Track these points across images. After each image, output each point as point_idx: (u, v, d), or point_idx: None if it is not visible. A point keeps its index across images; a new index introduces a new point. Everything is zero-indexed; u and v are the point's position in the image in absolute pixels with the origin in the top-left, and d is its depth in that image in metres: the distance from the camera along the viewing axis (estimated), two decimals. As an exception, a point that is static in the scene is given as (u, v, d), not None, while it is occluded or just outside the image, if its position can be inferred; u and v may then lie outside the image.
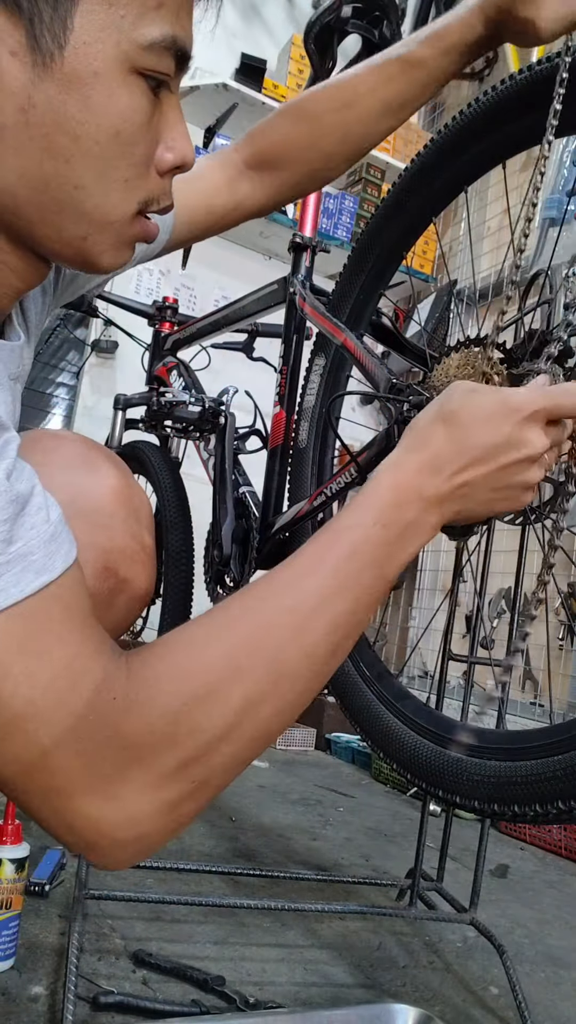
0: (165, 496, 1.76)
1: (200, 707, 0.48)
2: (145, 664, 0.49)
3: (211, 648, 0.50)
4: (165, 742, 0.47)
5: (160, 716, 0.47)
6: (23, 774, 0.46)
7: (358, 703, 1.06)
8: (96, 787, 0.46)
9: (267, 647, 0.50)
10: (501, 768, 0.79)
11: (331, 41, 1.25)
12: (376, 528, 0.54)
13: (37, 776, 0.46)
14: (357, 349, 1.07)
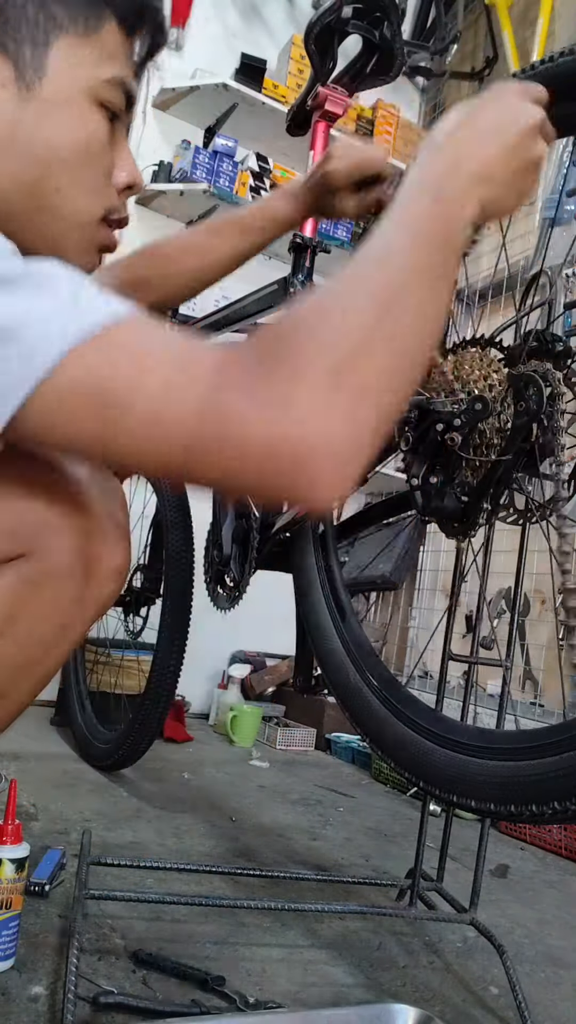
0: (165, 496, 1.76)
1: (333, 321, 0.52)
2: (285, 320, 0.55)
3: (346, 289, 0.55)
4: (312, 351, 0.51)
5: (300, 335, 0.52)
6: (204, 424, 0.51)
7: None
8: (266, 401, 0.50)
9: (390, 281, 0.55)
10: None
11: (331, 42, 1.25)
12: (437, 205, 0.60)
13: (211, 419, 0.51)
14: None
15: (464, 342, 0.94)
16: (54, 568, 0.75)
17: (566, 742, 0.75)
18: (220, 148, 3.02)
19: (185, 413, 0.51)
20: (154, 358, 0.52)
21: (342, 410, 0.50)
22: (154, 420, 0.52)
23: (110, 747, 1.88)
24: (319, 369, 0.50)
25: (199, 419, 0.51)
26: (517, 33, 3.03)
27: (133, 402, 0.52)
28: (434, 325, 0.57)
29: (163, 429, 0.52)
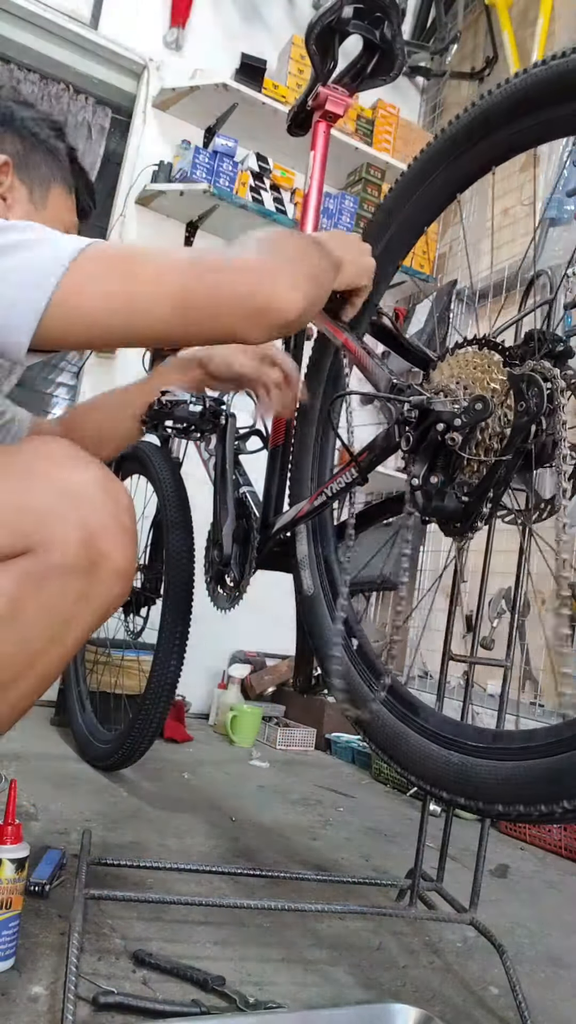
0: (165, 496, 1.76)
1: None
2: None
3: None
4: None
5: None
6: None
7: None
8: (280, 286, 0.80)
9: None
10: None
11: (332, 42, 1.25)
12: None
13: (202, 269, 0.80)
14: (357, 349, 1.07)
15: (463, 342, 0.94)
16: (58, 564, 0.77)
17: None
18: (220, 148, 3.02)
19: (181, 267, 0.79)
20: (142, 247, 0.82)
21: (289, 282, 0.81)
22: (158, 277, 0.78)
23: (110, 747, 1.88)
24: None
25: (192, 269, 0.79)
26: (517, 33, 3.03)
27: (139, 267, 0.78)
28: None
29: (167, 284, 0.77)
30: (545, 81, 0.87)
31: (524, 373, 0.82)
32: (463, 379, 0.89)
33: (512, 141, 0.97)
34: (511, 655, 1.20)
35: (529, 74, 0.89)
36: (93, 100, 3.15)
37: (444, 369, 0.95)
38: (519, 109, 0.92)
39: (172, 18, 3.15)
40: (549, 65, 0.85)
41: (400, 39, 1.25)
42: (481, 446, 0.86)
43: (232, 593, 1.46)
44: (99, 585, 0.82)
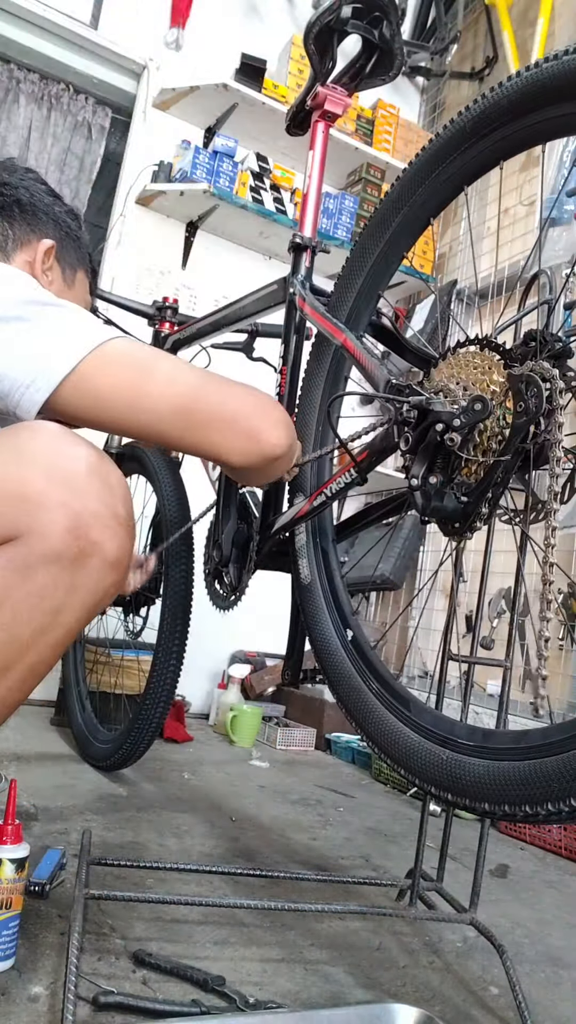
0: (165, 496, 1.76)
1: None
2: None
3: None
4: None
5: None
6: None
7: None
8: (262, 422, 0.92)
9: None
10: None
11: (331, 41, 1.25)
12: None
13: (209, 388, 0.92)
14: (356, 349, 1.07)
15: (463, 342, 0.94)
16: (44, 552, 0.76)
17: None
18: (220, 148, 3.02)
19: (192, 378, 0.89)
20: (163, 352, 0.93)
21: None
22: (170, 380, 0.88)
23: (110, 747, 1.88)
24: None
25: (202, 380, 0.90)
26: (517, 33, 3.03)
27: (156, 367, 0.88)
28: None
29: (177, 387, 0.87)
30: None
31: (523, 374, 0.82)
32: (463, 379, 0.89)
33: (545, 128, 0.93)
34: (511, 655, 1.20)
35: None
36: (93, 100, 3.15)
37: (443, 369, 0.95)
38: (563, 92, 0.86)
39: (172, 18, 3.15)
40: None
41: (399, 38, 1.25)
42: (479, 447, 0.86)
43: (232, 593, 1.46)
44: (89, 575, 0.80)
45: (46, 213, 1.15)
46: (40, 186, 1.17)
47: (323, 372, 1.29)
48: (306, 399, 1.31)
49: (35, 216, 1.13)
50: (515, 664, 2.44)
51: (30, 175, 1.18)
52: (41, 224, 1.13)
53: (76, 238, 1.19)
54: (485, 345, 0.91)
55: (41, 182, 1.18)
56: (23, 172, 1.17)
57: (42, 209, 1.14)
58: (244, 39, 3.28)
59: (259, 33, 3.35)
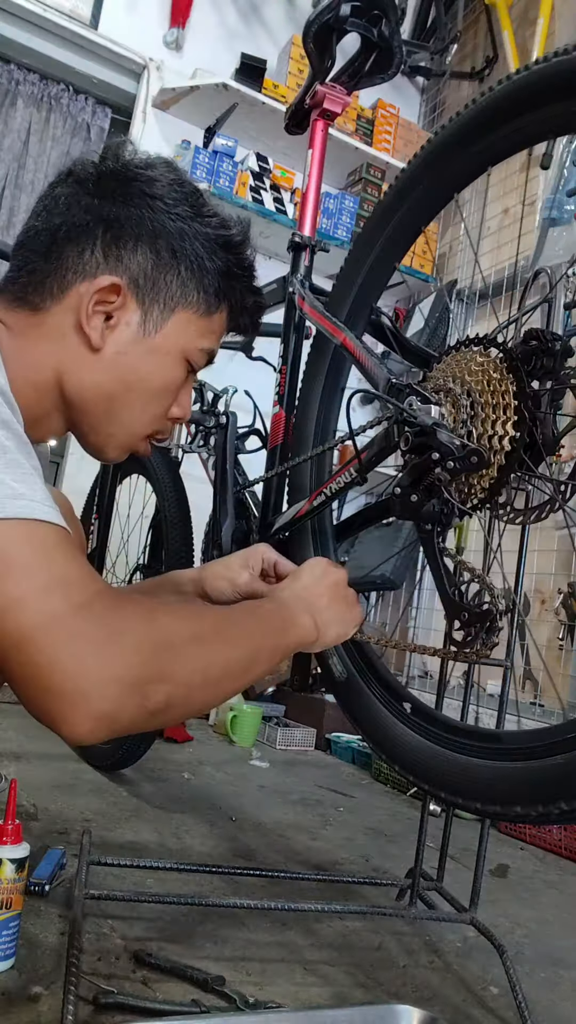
0: (165, 496, 1.76)
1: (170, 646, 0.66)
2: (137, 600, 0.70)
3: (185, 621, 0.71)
4: (138, 635, 0.64)
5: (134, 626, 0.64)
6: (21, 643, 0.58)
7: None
8: (80, 654, 0.59)
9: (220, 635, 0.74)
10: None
11: (330, 40, 1.25)
12: (281, 611, 0.86)
13: (41, 638, 0.59)
14: (356, 349, 1.07)
15: (464, 342, 0.94)
16: None
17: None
18: (220, 148, 3.02)
19: (39, 615, 0.59)
20: (36, 565, 0.61)
21: (135, 684, 0.62)
22: (16, 602, 0.59)
23: (110, 747, 1.87)
24: (136, 650, 0.63)
25: (34, 627, 0.59)
26: (517, 33, 3.03)
27: (16, 575, 0.59)
28: (236, 677, 0.75)
29: (11, 616, 0.59)
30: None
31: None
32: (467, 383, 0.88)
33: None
34: (511, 655, 1.20)
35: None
36: (93, 100, 3.15)
37: (444, 369, 0.95)
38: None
39: (172, 18, 3.15)
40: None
41: (398, 37, 1.25)
42: (465, 487, 0.87)
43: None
44: None
45: (153, 236, 0.82)
46: (173, 189, 0.83)
47: (322, 371, 1.29)
48: (305, 398, 1.31)
49: (125, 231, 0.81)
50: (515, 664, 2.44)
51: (169, 174, 0.84)
52: (130, 241, 0.81)
53: (194, 265, 0.84)
54: (484, 345, 0.90)
55: (179, 186, 0.84)
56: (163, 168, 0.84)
57: (145, 222, 0.81)
58: (244, 39, 3.28)
59: (259, 33, 3.35)
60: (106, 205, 0.80)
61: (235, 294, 0.90)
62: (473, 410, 0.85)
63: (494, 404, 0.83)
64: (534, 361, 0.83)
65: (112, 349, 0.80)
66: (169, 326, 0.83)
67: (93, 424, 0.83)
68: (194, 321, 0.85)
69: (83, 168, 0.82)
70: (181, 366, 0.85)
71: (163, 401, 0.85)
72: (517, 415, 0.82)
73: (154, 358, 0.82)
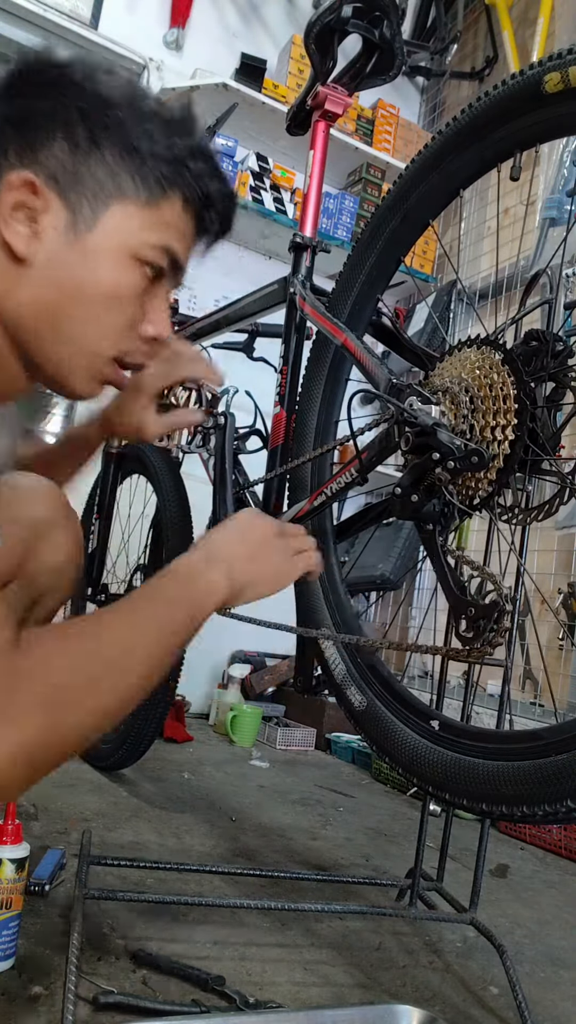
0: (165, 495, 1.76)
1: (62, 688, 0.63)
2: (31, 648, 0.64)
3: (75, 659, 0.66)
4: (29, 695, 0.60)
5: (30, 682, 0.61)
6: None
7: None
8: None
9: (111, 670, 0.67)
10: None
11: (331, 41, 1.25)
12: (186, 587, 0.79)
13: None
14: (357, 349, 1.07)
15: (464, 342, 0.94)
16: None
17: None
18: (220, 148, 3.02)
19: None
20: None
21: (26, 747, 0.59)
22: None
23: (110, 747, 1.87)
24: (25, 707, 0.60)
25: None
26: (517, 33, 3.03)
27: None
28: (157, 669, 0.71)
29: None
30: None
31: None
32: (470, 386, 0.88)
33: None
34: (511, 655, 1.20)
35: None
36: (93, 100, 3.14)
37: (447, 369, 0.95)
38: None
39: (172, 18, 3.15)
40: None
41: (399, 38, 1.25)
42: (465, 487, 0.87)
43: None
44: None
45: (59, 104, 0.71)
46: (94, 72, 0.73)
47: (323, 372, 1.29)
48: (306, 398, 1.31)
49: (34, 124, 0.71)
50: (515, 664, 2.44)
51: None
52: (42, 134, 0.71)
53: (126, 147, 0.72)
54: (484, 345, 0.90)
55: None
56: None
57: (55, 101, 0.71)
58: (244, 39, 3.28)
59: (259, 33, 3.35)
60: (14, 103, 0.71)
61: (186, 180, 0.76)
62: (473, 411, 0.85)
63: (494, 405, 0.84)
64: (534, 362, 0.83)
65: (43, 257, 0.71)
66: (105, 221, 0.72)
67: (45, 351, 0.73)
68: (135, 214, 0.73)
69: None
70: (133, 268, 0.73)
71: (120, 311, 0.74)
72: (517, 415, 0.82)
73: (94, 259, 0.72)
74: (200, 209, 0.77)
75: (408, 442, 0.87)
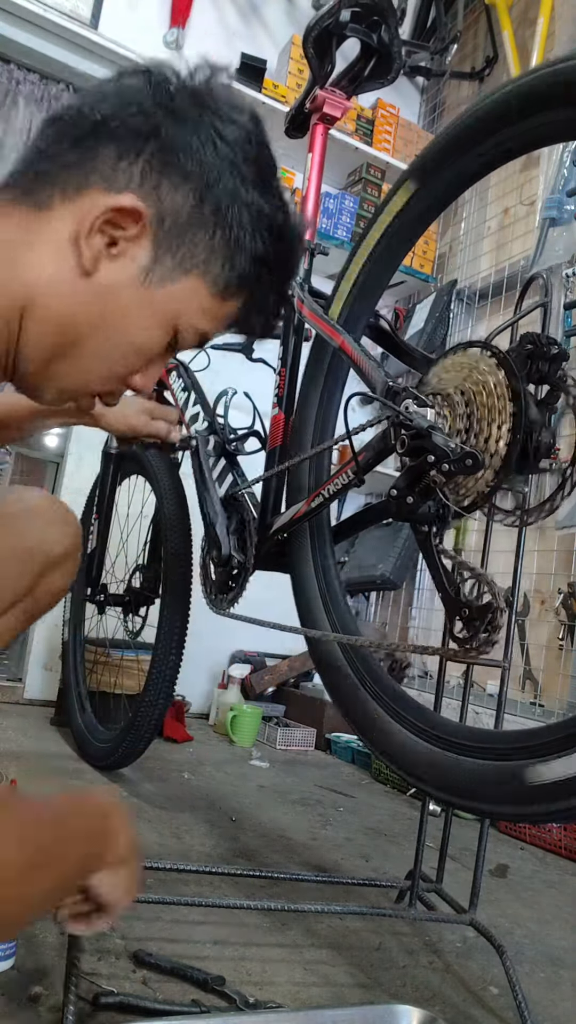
0: (164, 496, 1.76)
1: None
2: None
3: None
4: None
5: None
6: None
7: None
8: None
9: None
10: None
11: (330, 45, 1.25)
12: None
13: None
14: (354, 352, 1.07)
15: (460, 345, 0.94)
16: None
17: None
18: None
19: None
20: None
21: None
22: None
23: (109, 746, 1.88)
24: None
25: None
26: (517, 33, 3.03)
27: None
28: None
29: None
30: None
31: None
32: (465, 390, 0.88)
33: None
34: (509, 655, 1.21)
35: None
36: (93, 101, 3.14)
37: (442, 372, 0.95)
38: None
39: (172, 18, 3.15)
40: None
41: (398, 42, 1.25)
42: (461, 489, 0.87)
43: (230, 594, 1.47)
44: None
45: (195, 153, 0.69)
46: (229, 125, 0.73)
47: (321, 373, 1.29)
48: (304, 400, 1.31)
49: (180, 156, 0.69)
50: (514, 664, 2.45)
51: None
52: (178, 173, 0.68)
53: (235, 243, 0.72)
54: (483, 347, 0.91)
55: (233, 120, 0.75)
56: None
57: (192, 147, 0.69)
58: (244, 39, 3.28)
59: (259, 33, 3.35)
60: (169, 122, 0.68)
61: (261, 287, 0.76)
62: (468, 414, 0.86)
63: (490, 409, 0.84)
64: (530, 365, 0.83)
65: (103, 280, 0.68)
66: (176, 287, 0.71)
67: (43, 357, 0.71)
68: (204, 296, 0.72)
69: (161, 71, 0.70)
70: (167, 335, 0.73)
71: (131, 362, 0.74)
72: (513, 418, 0.82)
73: (144, 312, 0.70)
74: (253, 314, 0.78)
75: (404, 445, 0.88)
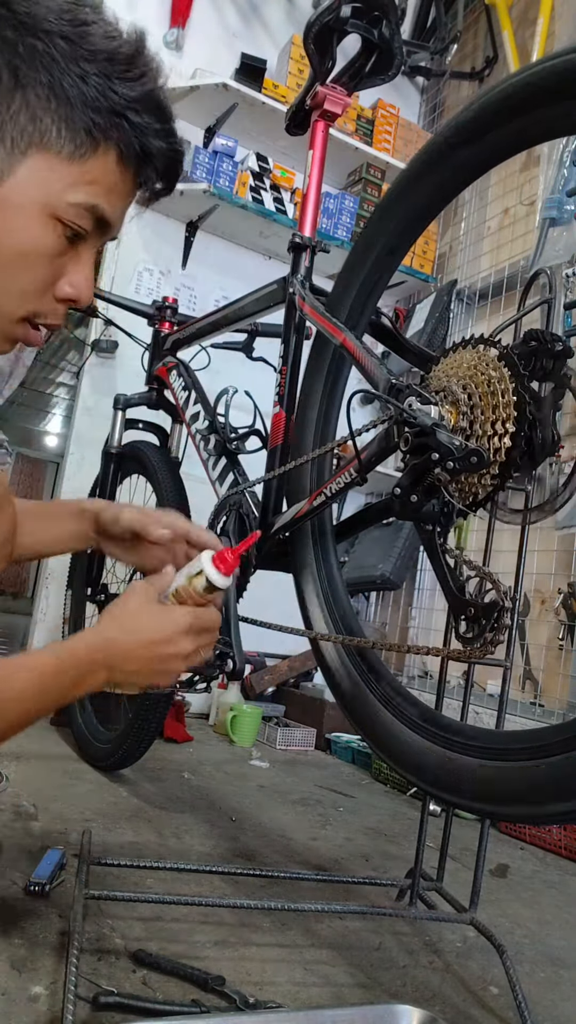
0: (164, 496, 1.76)
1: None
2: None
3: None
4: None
5: None
6: None
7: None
8: None
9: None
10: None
11: (331, 41, 1.25)
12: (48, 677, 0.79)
13: None
14: (356, 349, 1.07)
15: (462, 342, 0.94)
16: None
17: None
18: (220, 148, 3.03)
19: None
20: None
21: None
22: None
23: (110, 747, 1.88)
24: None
25: None
26: (517, 33, 3.03)
27: None
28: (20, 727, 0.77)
29: None
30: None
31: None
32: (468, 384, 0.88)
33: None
34: (511, 655, 1.20)
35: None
36: (93, 100, 3.14)
37: (445, 369, 0.95)
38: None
39: (172, 18, 3.15)
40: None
41: (398, 38, 1.25)
42: (465, 486, 0.87)
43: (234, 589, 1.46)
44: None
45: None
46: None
47: (323, 371, 1.29)
48: (306, 398, 1.31)
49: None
50: (515, 664, 2.44)
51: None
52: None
53: (55, 86, 0.65)
54: (483, 344, 0.90)
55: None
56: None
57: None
58: (244, 39, 3.28)
59: (259, 33, 3.35)
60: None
61: (124, 132, 0.68)
62: (472, 411, 0.85)
63: (493, 407, 0.83)
64: (534, 362, 0.83)
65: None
66: (20, 173, 0.64)
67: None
68: (58, 167, 0.65)
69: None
70: (49, 227, 0.66)
71: (32, 270, 0.67)
72: (517, 415, 0.82)
73: (7, 214, 0.64)
74: (138, 165, 0.70)
75: (407, 442, 0.88)
